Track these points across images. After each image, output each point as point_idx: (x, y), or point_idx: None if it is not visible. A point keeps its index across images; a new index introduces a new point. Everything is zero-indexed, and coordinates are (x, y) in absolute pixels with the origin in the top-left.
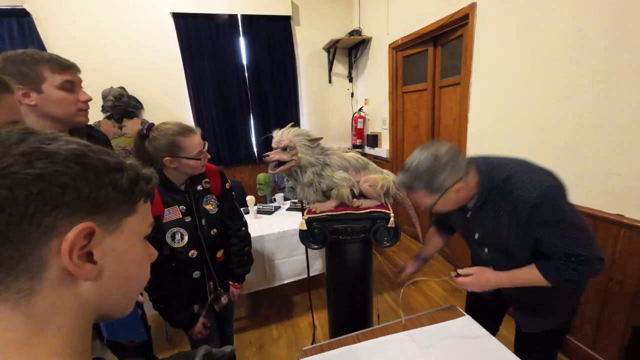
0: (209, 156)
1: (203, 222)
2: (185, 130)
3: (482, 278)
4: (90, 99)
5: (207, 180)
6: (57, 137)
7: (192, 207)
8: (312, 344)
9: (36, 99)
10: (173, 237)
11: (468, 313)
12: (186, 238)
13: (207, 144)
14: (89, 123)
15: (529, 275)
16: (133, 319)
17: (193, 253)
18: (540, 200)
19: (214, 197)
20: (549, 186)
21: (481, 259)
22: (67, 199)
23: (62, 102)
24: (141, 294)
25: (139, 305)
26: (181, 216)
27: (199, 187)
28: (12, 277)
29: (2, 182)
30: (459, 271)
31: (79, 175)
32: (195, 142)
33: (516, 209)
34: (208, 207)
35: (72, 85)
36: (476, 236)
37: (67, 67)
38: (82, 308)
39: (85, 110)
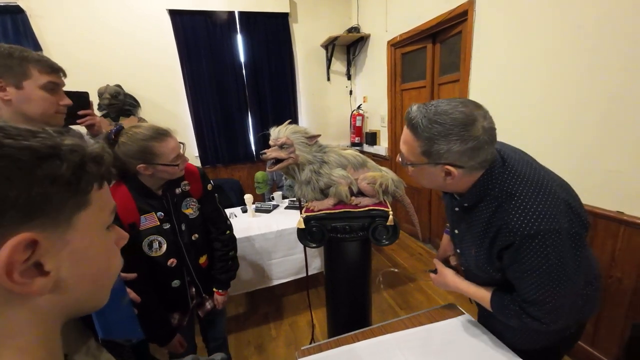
0: (187, 160)
1: (183, 227)
2: (158, 135)
3: (441, 279)
4: (70, 104)
5: (186, 182)
6: None
7: (170, 212)
8: (310, 342)
9: (13, 94)
10: (150, 245)
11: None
12: (165, 246)
13: (185, 145)
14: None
15: (482, 295)
16: (129, 318)
17: (172, 262)
18: (526, 242)
19: (195, 200)
20: (547, 230)
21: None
22: None
23: (43, 102)
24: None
25: (135, 304)
26: (159, 223)
27: (178, 191)
28: None
29: None
30: (433, 268)
31: None
32: (171, 147)
33: (497, 232)
34: (188, 211)
35: (56, 86)
36: (456, 231)
37: (56, 70)
38: (44, 319)
39: (62, 113)
